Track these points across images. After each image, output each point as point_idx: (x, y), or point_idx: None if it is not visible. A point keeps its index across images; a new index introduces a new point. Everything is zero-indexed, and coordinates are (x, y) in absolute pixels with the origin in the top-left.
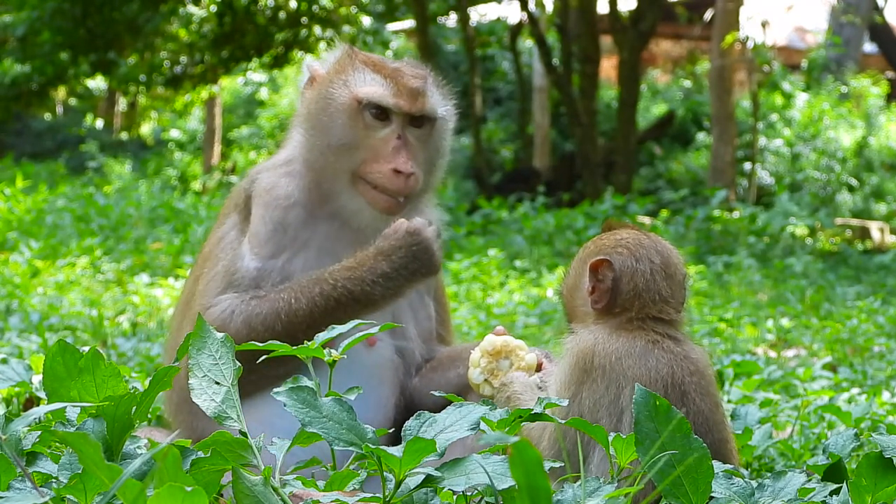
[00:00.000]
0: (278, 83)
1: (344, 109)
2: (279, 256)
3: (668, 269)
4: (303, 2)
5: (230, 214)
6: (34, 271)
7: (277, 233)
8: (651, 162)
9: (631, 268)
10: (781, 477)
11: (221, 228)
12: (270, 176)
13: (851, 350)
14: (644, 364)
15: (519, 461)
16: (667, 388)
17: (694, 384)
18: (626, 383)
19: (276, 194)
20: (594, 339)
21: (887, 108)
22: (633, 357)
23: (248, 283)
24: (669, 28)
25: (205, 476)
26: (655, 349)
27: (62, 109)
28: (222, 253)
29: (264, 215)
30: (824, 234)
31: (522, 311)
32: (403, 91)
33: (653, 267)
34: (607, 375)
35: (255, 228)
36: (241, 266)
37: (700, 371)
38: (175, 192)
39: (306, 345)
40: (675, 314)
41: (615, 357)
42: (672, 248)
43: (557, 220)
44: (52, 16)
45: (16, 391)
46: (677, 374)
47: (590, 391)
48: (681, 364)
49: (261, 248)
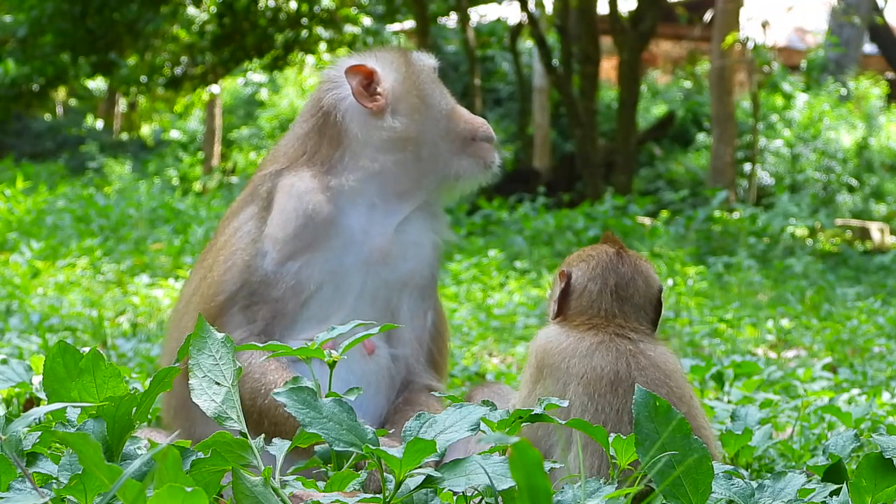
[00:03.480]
0: (278, 84)
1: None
2: (297, 258)
3: (622, 291)
4: (303, 3)
5: (249, 204)
6: (34, 272)
7: (306, 227)
8: (651, 162)
9: (581, 285)
10: (781, 477)
11: (239, 218)
12: (304, 172)
13: (851, 351)
14: (588, 362)
15: (519, 462)
16: (612, 383)
17: (647, 379)
18: (570, 380)
19: (309, 188)
20: (547, 339)
21: (887, 109)
22: (578, 356)
23: (262, 288)
24: (669, 29)
25: (205, 477)
26: (601, 348)
27: (62, 110)
28: (239, 243)
29: (296, 207)
30: (824, 234)
31: (522, 311)
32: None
33: (604, 288)
34: (555, 373)
35: (282, 221)
36: (259, 266)
37: (656, 365)
38: (175, 193)
39: (306, 345)
40: (629, 331)
41: (562, 356)
42: (642, 271)
43: (557, 220)
44: (52, 17)
45: (16, 392)
46: (623, 370)
47: (542, 388)
48: (629, 360)
49: (283, 246)
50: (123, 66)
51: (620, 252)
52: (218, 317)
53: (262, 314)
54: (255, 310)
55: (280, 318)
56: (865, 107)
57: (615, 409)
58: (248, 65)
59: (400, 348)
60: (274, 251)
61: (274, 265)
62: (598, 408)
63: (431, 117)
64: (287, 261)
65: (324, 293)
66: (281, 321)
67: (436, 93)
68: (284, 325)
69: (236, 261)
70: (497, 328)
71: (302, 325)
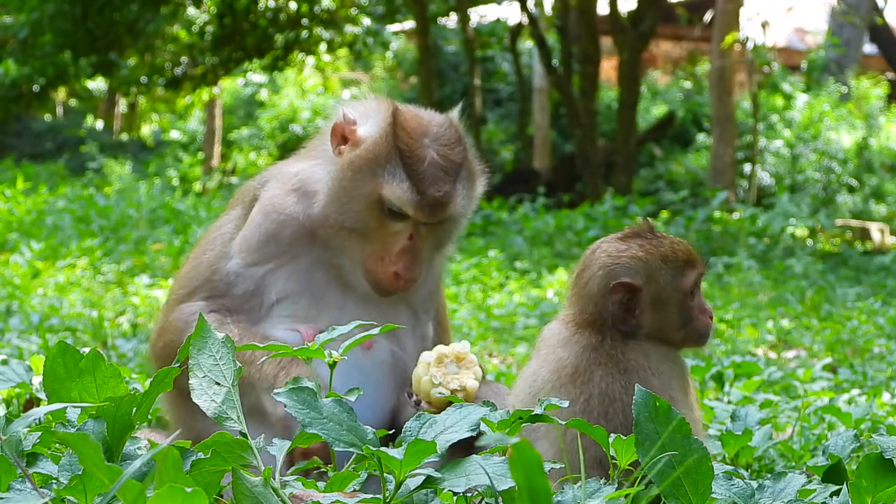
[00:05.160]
0: (278, 84)
1: (365, 199)
2: (262, 266)
3: (579, 278)
4: (303, 3)
5: (235, 208)
6: (34, 272)
7: (268, 244)
8: (651, 163)
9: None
10: (782, 478)
11: (224, 218)
12: (280, 187)
13: (851, 351)
14: (555, 350)
15: (519, 462)
16: (571, 375)
17: (605, 372)
18: (542, 366)
19: (278, 208)
20: (547, 327)
21: (887, 109)
22: (552, 343)
23: (223, 286)
24: (669, 29)
25: (205, 477)
26: (574, 337)
27: (62, 110)
28: (212, 244)
29: (261, 224)
30: (824, 235)
31: (522, 311)
32: (426, 204)
33: (576, 272)
34: (538, 356)
35: (248, 233)
36: (222, 267)
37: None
38: (175, 193)
39: (307, 346)
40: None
41: (543, 341)
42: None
43: (557, 221)
44: (53, 17)
45: (16, 392)
46: (582, 363)
47: (528, 365)
48: (589, 356)
49: (247, 254)
50: (124, 67)
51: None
52: (180, 304)
53: (221, 304)
54: (215, 300)
55: (240, 314)
56: (865, 107)
57: (572, 398)
58: (248, 65)
59: (399, 347)
60: (238, 257)
61: (237, 267)
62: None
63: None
64: (251, 266)
65: (298, 303)
66: (241, 316)
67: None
68: (245, 322)
69: (204, 259)
70: (497, 328)
71: (268, 326)
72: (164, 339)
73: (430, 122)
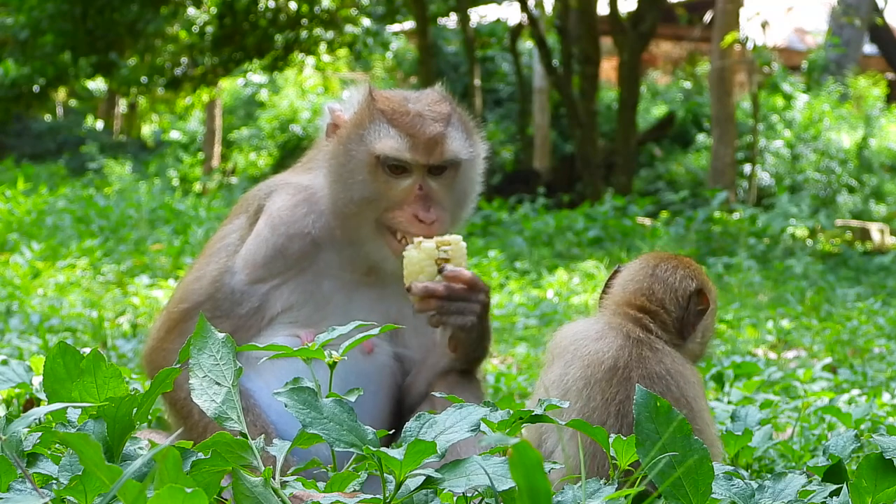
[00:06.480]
0: (278, 84)
1: (363, 165)
2: (267, 282)
3: (655, 274)
4: (303, 3)
5: (239, 216)
6: (34, 273)
7: (276, 260)
8: (651, 163)
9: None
10: (782, 478)
11: (228, 227)
12: (287, 199)
13: (851, 351)
14: (592, 346)
15: (519, 462)
16: (610, 370)
17: (646, 372)
18: (573, 362)
19: (286, 221)
20: (568, 326)
21: (887, 110)
22: (586, 339)
23: (227, 305)
24: (669, 29)
25: (205, 477)
26: (611, 333)
27: (62, 111)
28: (217, 255)
29: (268, 238)
30: (824, 235)
31: (522, 312)
32: (420, 144)
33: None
34: (563, 356)
35: (255, 247)
36: (227, 283)
37: (661, 361)
38: (175, 194)
39: (307, 346)
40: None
41: (572, 339)
42: (684, 262)
43: (557, 221)
44: (53, 17)
45: (16, 392)
46: (622, 358)
47: (549, 372)
48: (631, 350)
49: (252, 271)
50: (124, 67)
51: (660, 255)
52: (180, 322)
53: (223, 327)
54: (217, 323)
55: (243, 332)
56: (865, 107)
57: (607, 397)
58: (248, 65)
59: (402, 347)
60: (243, 273)
61: (242, 285)
62: (591, 394)
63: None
64: (256, 283)
65: (302, 310)
66: (244, 335)
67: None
68: (247, 339)
69: (207, 272)
70: (497, 329)
71: (267, 338)
72: (149, 369)
73: (409, 92)
